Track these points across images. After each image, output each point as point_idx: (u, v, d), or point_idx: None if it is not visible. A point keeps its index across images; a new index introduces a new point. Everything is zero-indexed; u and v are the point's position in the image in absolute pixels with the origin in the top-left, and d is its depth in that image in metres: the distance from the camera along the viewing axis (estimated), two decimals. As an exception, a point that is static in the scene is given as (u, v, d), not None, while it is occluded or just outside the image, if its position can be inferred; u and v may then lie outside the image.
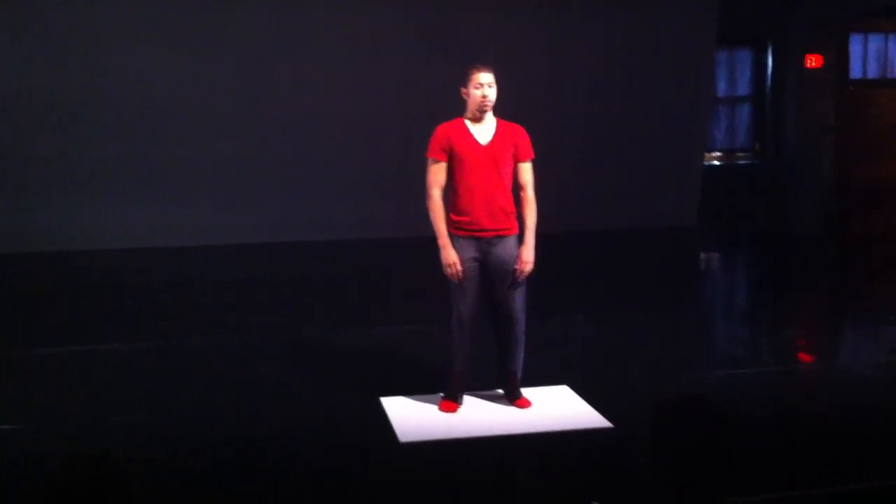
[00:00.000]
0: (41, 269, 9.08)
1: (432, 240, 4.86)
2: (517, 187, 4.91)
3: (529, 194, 4.91)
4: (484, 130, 4.85)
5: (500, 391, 5.14)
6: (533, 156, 4.93)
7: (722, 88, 12.44)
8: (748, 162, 12.55)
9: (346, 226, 10.26)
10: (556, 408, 5.07)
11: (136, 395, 5.46)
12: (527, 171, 4.92)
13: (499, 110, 4.90)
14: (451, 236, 4.83)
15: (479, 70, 4.80)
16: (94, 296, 8.13)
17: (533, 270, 4.86)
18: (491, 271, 4.83)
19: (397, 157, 10.11)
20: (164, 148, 9.85)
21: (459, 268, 4.77)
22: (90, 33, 9.56)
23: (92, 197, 9.76)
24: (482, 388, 5.18)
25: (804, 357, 6.67)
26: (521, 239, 4.88)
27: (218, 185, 10.03)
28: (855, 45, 12.61)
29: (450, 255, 4.78)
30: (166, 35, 9.76)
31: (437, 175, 4.84)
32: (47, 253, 9.48)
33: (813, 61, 11.59)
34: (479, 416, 4.94)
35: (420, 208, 4.99)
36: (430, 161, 4.85)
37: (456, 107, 4.96)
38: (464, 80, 4.83)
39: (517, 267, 4.82)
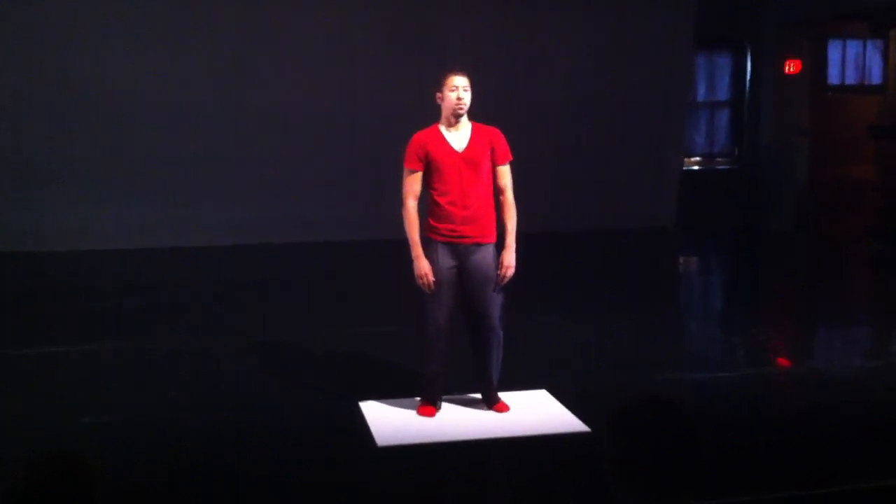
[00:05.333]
0: (12, 270, 9.00)
1: (406, 243, 4.85)
2: (496, 191, 4.90)
3: (509, 197, 4.91)
4: (459, 136, 4.84)
5: (479, 395, 5.15)
6: (511, 158, 4.93)
7: (702, 93, 12.50)
8: (727, 166, 12.62)
9: (320, 227, 10.22)
10: (534, 412, 5.08)
11: (109, 396, 5.44)
12: (505, 175, 4.91)
13: (475, 112, 4.90)
14: (430, 241, 4.83)
15: (454, 73, 4.79)
16: (68, 297, 8.08)
17: (513, 275, 4.87)
18: (469, 279, 4.83)
19: (371, 159, 10.11)
20: (136, 148, 9.77)
21: (431, 279, 4.77)
22: (66, 31, 9.50)
23: (64, 197, 9.65)
24: (460, 392, 5.19)
25: (780, 359, 6.72)
26: (499, 245, 4.89)
27: (192, 187, 9.94)
28: (833, 51, 12.72)
29: (422, 267, 4.78)
30: (146, 35, 9.71)
31: (413, 185, 4.84)
32: (18, 253, 9.39)
33: (791, 67, 11.68)
34: (457, 421, 4.95)
35: (393, 210, 4.99)
36: (406, 171, 4.85)
37: (431, 107, 4.96)
38: (438, 84, 4.82)
39: (499, 272, 4.83)
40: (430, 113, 4.97)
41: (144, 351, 6.41)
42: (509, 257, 4.83)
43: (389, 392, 5.28)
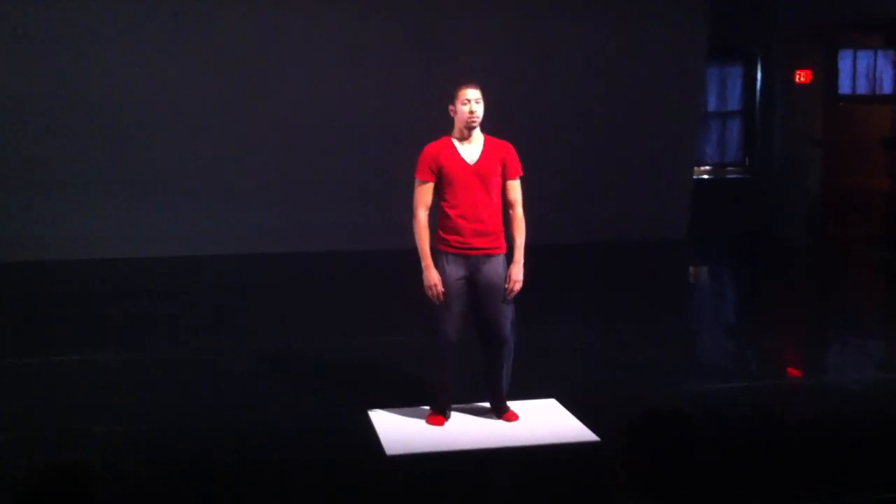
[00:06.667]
0: (21, 279, 9.03)
1: (414, 253, 4.85)
2: (506, 205, 4.91)
3: (518, 212, 4.92)
4: (471, 149, 4.85)
5: (488, 404, 5.15)
6: (521, 173, 4.94)
7: (713, 103, 12.49)
8: (738, 176, 12.61)
9: (328, 236, 10.22)
10: (544, 421, 5.09)
11: (119, 405, 5.44)
12: (515, 189, 4.92)
13: (486, 122, 4.91)
14: (440, 252, 4.84)
15: (466, 86, 4.79)
16: (76, 305, 8.11)
17: (522, 288, 4.86)
18: (479, 291, 4.84)
19: (380, 167, 10.11)
20: (148, 158, 9.79)
21: (441, 289, 4.77)
22: (79, 36, 9.54)
23: (71, 206, 9.68)
24: (469, 401, 5.19)
25: (791, 370, 6.70)
26: (509, 257, 4.89)
27: (200, 196, 9.94)
28: (844, 61, 12.69)
29: (431, 277, 4.78)
30: (155, 42, 9.74)
31: (424, 195, 4.85)
32: (27, 262, 9.40)
33: (802, 77, 11.66)
34: (466, 430, 4.96)
35: (401, 219, 4.99)
36: (417, 181, 4.86)
37: (441, 114, 4.96)
38: (450, 97, 4.83)
39: (507, 286, 4.83)
40: (438, 120, 4.98)
41: (151, 358, 6.42)
42: (517, 272, 4.84)
43: (398, 401, 5.28)
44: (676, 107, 11.26)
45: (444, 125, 4.93)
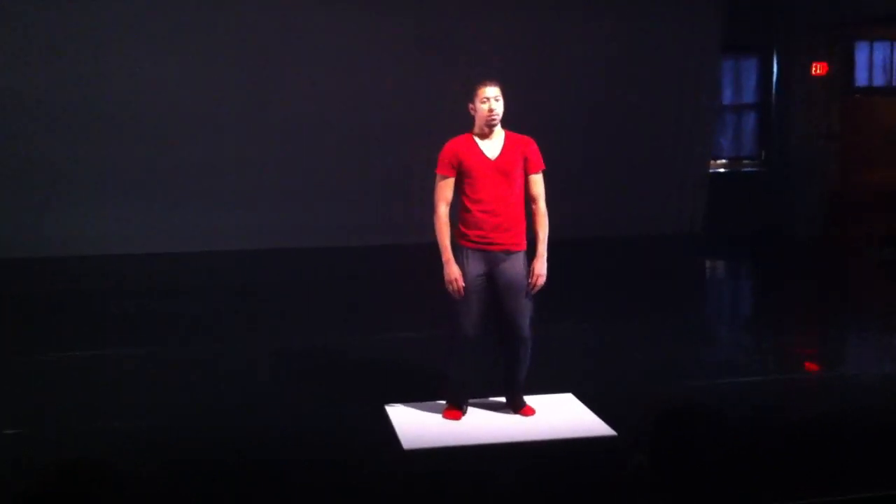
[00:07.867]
0: (39, 275, 9.04)
1: (431, 246, 4.85)
2: (528, 200, 4.90)
3: (541, 206, 4.91)
4: (492, 144, 4.84)
5: (504, 399, 5.15)
6: (543, 167, 4.93)
7: (728, 96, 12.43)
8: (754, 169, 12.55)
9: (344, 232, 10.20)
10: (561, 416, 5.09)
11: (120, 403, 5.44)
12: (537, 184, 4.91)
13: (502, 118, 4.89)
14: (460, 248, 4.84)
15: (485, 84, 4.78)
16: (92, 301, 8.13)
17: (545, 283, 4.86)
18: (499, 287, 4.83)
19: (395, 163, 10.08)
20: (159, 154, 9.78)
21: (461, 284, 4.77)
22: (84, 35, 9.53)
23: (88, 202, 9.68)
24: (486, 396, 5.20)
25: (807, 364, 6.67)
26: (530, 253, 4.88)
27: (215, 191, 9.92)
28: (860, 53, 12.61)
29: (452, 272, 4.78)
30: (162, 39, 9.73)
31: (445, 191, 4.84)
32: (45, 258, 9.42)
33: (818, 69, 11.59)
34: (483, 424, 4.97)
35: (417, 214, 4.99)
36: (438, 177, 4.85)
37: (454, 113, 4.95)
38: (469, 95, 4.81)
39: (530, 280, 4.83)
40: (454, 117, 4.96)
41: (167, 356, 6.43)
42: (540, 266, 4.83)
43: (415, 396, 5.29)
44: (692, 100, 11.22)
45: (446, 123, 4.91)
